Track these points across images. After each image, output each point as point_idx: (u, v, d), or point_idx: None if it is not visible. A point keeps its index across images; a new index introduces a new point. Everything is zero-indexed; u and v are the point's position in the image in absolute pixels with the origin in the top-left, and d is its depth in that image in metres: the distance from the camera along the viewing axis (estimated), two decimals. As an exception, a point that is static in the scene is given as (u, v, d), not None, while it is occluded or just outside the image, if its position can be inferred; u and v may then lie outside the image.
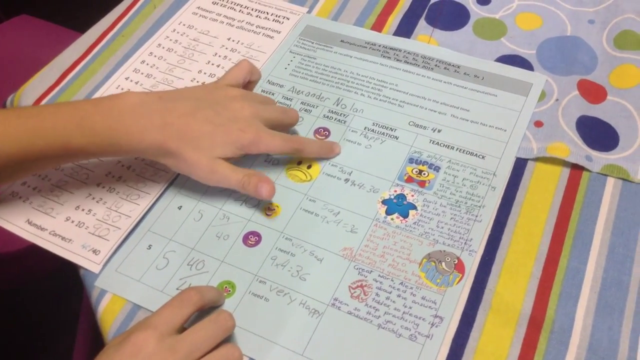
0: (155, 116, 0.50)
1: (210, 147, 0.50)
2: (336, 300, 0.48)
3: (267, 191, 0.51)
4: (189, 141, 0.50)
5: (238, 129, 0.51)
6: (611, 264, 0.49)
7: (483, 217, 0.52)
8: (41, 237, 0.53)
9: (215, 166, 0.51)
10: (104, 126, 0.49)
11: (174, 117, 0.50)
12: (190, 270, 0.51)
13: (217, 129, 0.51)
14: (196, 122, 0.51)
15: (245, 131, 0.51)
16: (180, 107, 0.51)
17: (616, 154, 0.55)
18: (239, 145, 0.51)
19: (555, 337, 0.45)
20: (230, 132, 0.51)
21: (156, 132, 0.49)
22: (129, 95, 0.50)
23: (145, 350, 0.40)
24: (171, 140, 0.50)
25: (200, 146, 0.50)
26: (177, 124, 0.50)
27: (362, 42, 0.66)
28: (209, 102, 0.53)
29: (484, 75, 0.62)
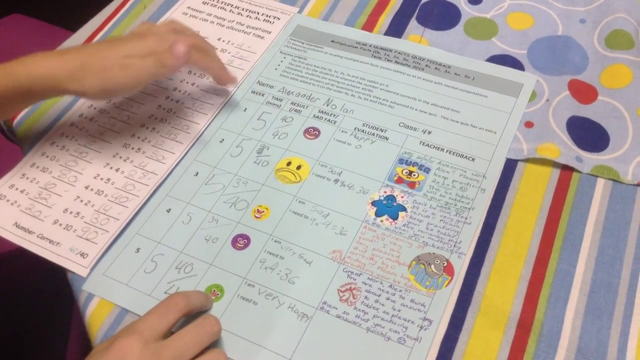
0: (56, 51, 0.52)
1: (116, 50, 0.51)
2: (325, 303, 0.48)
3: (182, 46, 0.52)
4: (90, 54, 0.51)
5: (140, 37, 0.53)
6: (601, 266, 0.49)
7: (473, 220, 0.51)
8: (29, 241, 0.53)
9: (127, 61, 0.51)
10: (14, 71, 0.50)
11: (72, 49, 0.52)
12: (179, 274, 0.50)
13: (115, 41, 0.53)
14: (94, 45, 0.54)
15: (148, 35, 0.53)
16: (80, 45, 0.55)
17: (606, 154, 0.55)
18: (145, 47, 0.52)
19: (544, 340, 0.45)
20: (131, 39, 0.53)
21: (55, 58, 0.50)
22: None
23: (130, 356, 0.40)
24: (71, 59, 0.50)
25: (105, 54, 0.51)
26: (76, 50, 0.52)
27: (353, 42, 0.66)
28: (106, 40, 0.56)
29: (474, 76, 0.62)
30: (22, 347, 0.93)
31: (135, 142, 0.59)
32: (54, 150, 0.59)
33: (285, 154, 0.57)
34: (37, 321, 0.94)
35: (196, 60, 0.55)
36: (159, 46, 0.52)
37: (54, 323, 0.85)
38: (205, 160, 0.57)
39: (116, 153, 0.58)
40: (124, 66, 0.51)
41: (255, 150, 0.58)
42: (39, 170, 0.57)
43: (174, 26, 0.58)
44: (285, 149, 0.58)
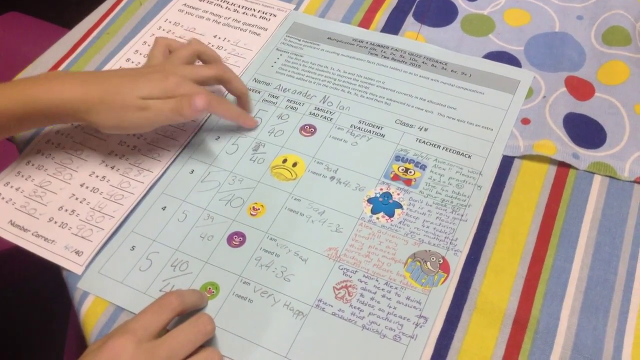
0: (76, 77, 0.52)
1: (133, 89, 0.51)
2: (320, 301, 0.48)
3: (202, 100, 0.51)
4: (111, 89, 0.51)
5: (161, 76, 0.52)
6: (597, 262, 0.49)
7: (469, 217, 0.51)
8: (24, 239, 0.52)
9: (145, 104, 0.51)
10: (34, 93, 0.51)
11: (94, 77, 0.52)
12: (174, 272, 0.50)
13: (138, 78, 0.52)
14: (115, 77, 0.52)
15: (167, 77, 0.52)
16: (101, 72, 0.54)
17: (603, 151, 0.55)
18: (162, 88, 0.52)
19: (540, 337, 0.45)
20: (153, 79, 0.52)
21: (77, 87, 0.51)
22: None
23: (123, 355, 0.40)
24: (92, 92, 0.51)
25: (124, 92, 0.51)
26: (98, 80, 0.52)
27: (350, 39, 0.66)
28: (128, 69, 0.55)
29: (471, 73, 0.61)
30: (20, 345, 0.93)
31: (130, 139, 0.59)
32: (50, 148, 0.59)
33: (281, 151, 0.57)
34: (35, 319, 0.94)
35: (215, 110, 0.55)
36: (179, 90, 0.52)
37: (52, 321, 0.85)
38: (200, 158, 0.57)
39: (111, 151, 0.58)
40: (142, 108, 0.51)
41: (251, 148, 0.58)
42: (34, 168, 0.57)
43: (197, 50, 0.58)
44: (281, 147, 0.57)
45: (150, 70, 0.54)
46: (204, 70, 0.56)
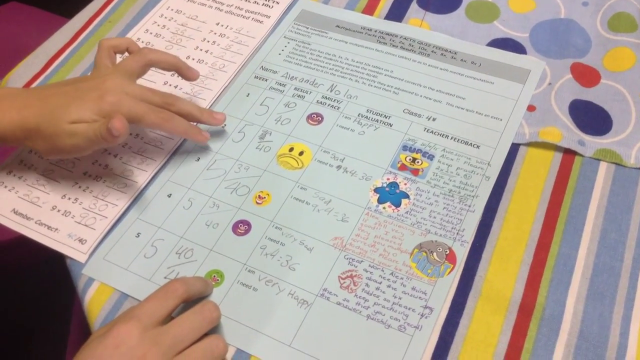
0: (17, 101, 0.50)
1: (66, 114, 0.48)
2: (325, 290, 0.47)
3: (118, 122, 0.46)
4: (45, 116, 0.49)
5: (96, 96, 0.49)
6: (603, 249, 0.48)
7: (476, 208, 0.51)
8: (27, 227, 0.52)
9: (73, 129, 0.48)
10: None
11: (34, 100, 0.50)
12: (179, 259, 0.50)
13: (74, 100, 0.49)
14: (54, 98, 0.50)
15: (104, 96, 0.49)
16: (43, 91, 0.51)
17: (609, 138, 0.54)
18: (96, 109, 0.49)
19: (545, 324, 0.45)
20: (87, 100, 0.49)
21: (15, 113, 0.49)
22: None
23: (129, 342, 0.40)
24: (29, 119, 0.49)
25: (56, 116, 0.49)
26: (36, 104, 0.50)
27: (358, 28, 0.65)
28: (74, 82, 0.52)
29: (481, 62, 0.61)
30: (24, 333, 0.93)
31: (133, 129, 0.58)
32: (52, 137, 0.58)
33: (288, 140, 0.57)
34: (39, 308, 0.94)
35: (159, 127, 0.52)
36: (118, 110, 0.49)
37: (55, 309, 0.86)
38: (206, 146, 0.57)
39: (115, 139, 0.58)
40: (70, 134, 0.48)
41: (257, 136, 0.57)
42: (37, 157, 0.57)
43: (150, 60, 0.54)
44: (287, 135, 0.57)
45: (88, 87, 0.50)
46: (133, 62, 0.53)
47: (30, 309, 0.93)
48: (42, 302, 0.92)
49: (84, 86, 0.51)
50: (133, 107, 0.50)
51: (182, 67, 0.56)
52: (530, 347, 0.44)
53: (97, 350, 0.40)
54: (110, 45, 0.55)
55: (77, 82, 0.52)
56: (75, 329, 0.77)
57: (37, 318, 0.94)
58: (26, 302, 0.92)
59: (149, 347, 0.40)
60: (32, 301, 0.92)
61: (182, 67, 0.56)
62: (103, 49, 0.55)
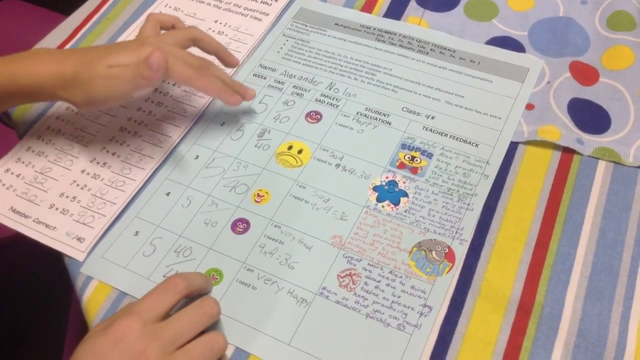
0: (54, 53, 0.51)
1: (103, 59, 0.49)
2: (324, 289, 0.47)
3: (156, 56, 0.47)
4: (84, 62, 0.49)
5: (137, 44, 0.51)
6: (602, 248, 0.49)
7: (475, 206, 0.51)
8: (25, 225, 0.52)
9: (110, 71, 0.49)
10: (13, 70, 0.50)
11: (74, 53, 0.51)
12: (178, 257, 0.50)
13: (113, 48, 0.51)
14: (94, 49, 0.51)
15: (144, 45, 0.50)
16: (85, 48, 0.53)
17: (608, 136, 0.54)
18: (134, 55, 0.49)
19: (544, 323, 0.45)
20: (127, 48, 0.50)
21: (54, 63, 0.50)
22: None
23: (129, 337, 0.40)
24: (68, 66, 0.49)
25: (94, 62, 0.49)
26: (75, 55, 0.50)
27: (357, 26, 0.65)
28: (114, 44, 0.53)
29: (479, 60, 0.61)
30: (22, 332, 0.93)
31: (131, 125, 0.58)
32: (50, 134, 0.58)
33: (287, 138, 0.57)
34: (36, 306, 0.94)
35: (192, 82, 0.51)
36: (141, 49, 0.50)
37: (53, 308, 0.85)
38: (205, 144, 0.57)
39: (112, 137, 0.58)
40: (107, 77, 0.49)
41: (256, 134, 0.57)
42: (35, 154, 0.57)
43: (193, 36, 0.55)
44: (286, 133, 0.57)
45: (129, 42, 0.52)
46: (177, 34, 0.54)
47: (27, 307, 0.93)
48: (40, 300, 0.91)
49: (125, 43, 0.52)
50: (171, 55, 0.50)
51: (222, 52, 0.57)
52: (529, 345, 0.44)
53: (97, 345, 0.40)
54: (157, 19, 0.56)
55: (120, 42, 0.53)
56: (73, 327, 0.77)
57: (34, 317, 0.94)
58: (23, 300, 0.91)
59: (148, 342, 0.40)
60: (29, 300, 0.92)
61: (223, 51, 0.57)
62: (149, 21, 0.55)
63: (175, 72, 0.50)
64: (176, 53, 0.51)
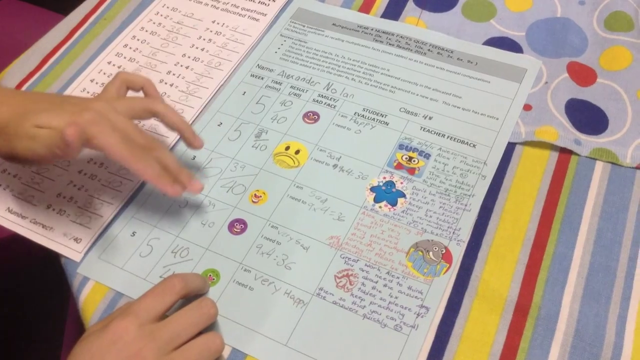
0: (2, 96, 0.47)
1: (36, 117, 0.45)
2: (321, 289, 0.47)
3: (71, 130, 0.42)
4: (17, 115, 0.45)
5: (76, 109, 0.46)
6: (599, 249, 0.49)
7: (472, 207, 0.51)
8: (22, 226, 0.52)
9: (36, 132, 0.45)
10: None
11: (18, 99, 0.47)
12: (174, 258, 0.50)
13: (52, 107, 0.46)
14: (36, 101, 0.47)
15: (83, 112, 0.45)
16: (33, 95, 0.49)
17: (605, 137, 0.54)
18: (68, 121, 0.44)
19: (541, 324, 0.45)
20: (65, 109, 0.46)
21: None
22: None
23: (126, 337, 0.40)
24: (3, 114, 0.46)
25: (25, 118, 0.45)
26: (15, 104, 0.47)
27: (354, 26, 0.65)
28: (66, 97, 0.49)
29: (477, 61, 0.61)
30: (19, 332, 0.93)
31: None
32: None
33: (284, 139, 0.57)
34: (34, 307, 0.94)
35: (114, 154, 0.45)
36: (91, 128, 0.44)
37: (51, 309, 0.85)
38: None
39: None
40: (30, 137, 0.44)
41: (253, 134, 0.57)
42: (32, 155, 0.57)
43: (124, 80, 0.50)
44: (284, 134, 0.57)
45: (75, 102, 0.47)
46: (135, 103, 0.49)
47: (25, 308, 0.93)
48: (38, 301, 0.91)
49: (73, 100, 0.48)
50: (106, 132, 0.45)
51: (185, 130, 0.50)
52: (526, 346, 0.44)
53: (94, 345, 0.40)
54: (125, 80, 0.51)
55: (71, 97, 0.49)
56: (71, 328, 0.77)
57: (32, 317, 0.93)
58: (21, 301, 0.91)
59: (145, 342, 0.40)
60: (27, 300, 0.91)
61: (187, 130, 0.50)
62: (116, 80, 0.50)
63: (106, 149, 0.44)
64: (119, 126, 0.46)
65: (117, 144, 0.45)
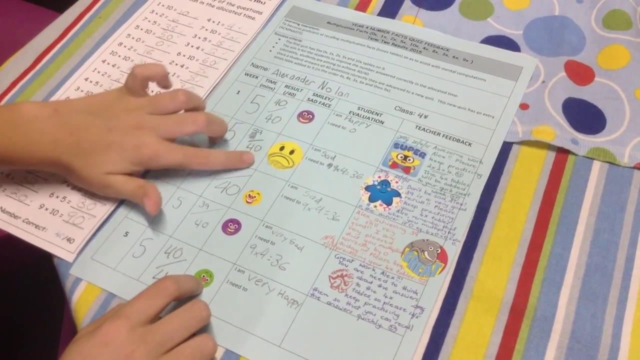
0: (47, 131, 0.49)
1: (103, 163, 0.49)
2: (316, 290, 0.47)
3: (149, 207, 0.49)
4: (80, 158, 0.49)
5: (134, 145, 0.50)
6: (596, 249, 0.48)
7: (468, 206, 0.51)
8: (14, 225, 0.52)
9: (107, 181, 0.50)
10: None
11: (66, 133, 0.49)
12: (168, 259, 0.50)
13: (110, 146, 0.49)
14: (88, 138, 0.49)
15: (141, 147, 0.50)
16: (74, 122, 0.50)
17: (603, 137, 0.54)
18: (134, 161, 0.50)
19: (537, 325, 0.45)
20: (125, 148, 0.50)
21: (47, 148, 0.49)
22: (24, 107, 0.49)
23: (117, 340, 0.39)
24: (63, 157, 0.49)
25: (91, 163, 0.49)
26: (68, 141, 0.49)
27: (349, 24, 0.65)
28: (104, 116, 0.51)
29: (473, 59, 0.60)
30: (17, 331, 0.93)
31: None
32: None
33: (279, 138, 0.56)
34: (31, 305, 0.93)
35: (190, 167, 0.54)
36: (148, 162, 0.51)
37: (48, 307, 0.85)
38: (196, 145, 0.56)
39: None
40: (105, 186, 0.51)
41: (248, 134, 0.57)
42: (26, 155, 0.56)
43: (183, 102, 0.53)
44: (278, 133, 0.56)
45: (123, 129, 0.50)
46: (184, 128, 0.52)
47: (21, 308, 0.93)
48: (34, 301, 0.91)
49: (118, 126, 0.50)
50: (170, 157, 0.51)
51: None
52: (522, 348, 0.44)
53: (85, 348, 0.40)
54: (144, 76, 0.53)
55: (108, 116, 0.51)
56: (67, 327, 0.77)
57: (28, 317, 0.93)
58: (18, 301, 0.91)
59: (137, 345, 0.40)
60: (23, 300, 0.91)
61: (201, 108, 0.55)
62: (137, 79, 0.52)
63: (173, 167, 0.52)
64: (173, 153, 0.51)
65: (184, 161, 0.52)
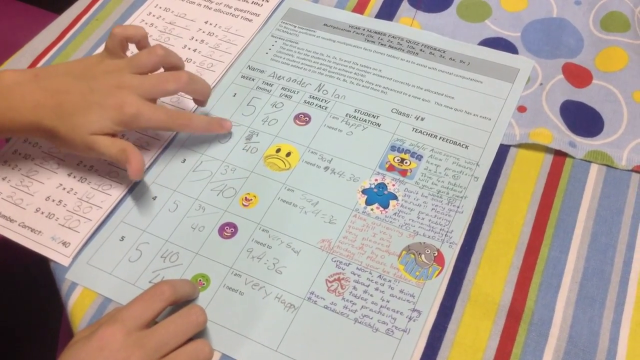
0: (27, 96, 0.49)
1: (86, 124, 0.49)
2: (312, 294, 0.47)
3: (131, 173, 0.49)
4: (63, 120, 0.49)
5: (116, 104, 0.49)
6: (593, 253, 0.48)
7: (465, 209, 0.50)
8: (10, 229, 0.51)
9: (91, 142, 0.49)
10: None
11: (47, 97, 0.49)
12: (164, 263, 0.49)
13: (92, 106, 0.49)
14: (70, 100, 0.49)
15: (123, 106, 0.49)
16: (54, 85, 0.50)
17: (600, 139, 0.54)
18: (116, 120, 0.49)
19: (534, 329, 0.45)
20: (107, 108, 0.49)
21: (29, 112, 0.49)
22: (4, 74, 0.50)
23: (113, 345, 0.39)
24: (45, 121, 0.49)
25: (74, 125, 0.49)
26: (49, 104, 0.49)
27: (346, 26, 0.64)
28: (85, 78, 0.51)
29: (470, 61, 0.60)
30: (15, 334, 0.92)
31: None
32: (37, 137, 0.57)
33: (275, 141, 0.56)
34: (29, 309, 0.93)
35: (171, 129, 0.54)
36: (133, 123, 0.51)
37: (46, 311, 0.85)
38: (192, 147, 0.56)
39: (100, 140, 0.57)
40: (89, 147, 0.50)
41: (244, 137, 0.57)
42: (21, 157, 0.56)
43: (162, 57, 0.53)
44: (275, 136, 0.56)
45: (105, 90, 0.50)
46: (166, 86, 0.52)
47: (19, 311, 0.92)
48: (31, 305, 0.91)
49: (100, 87, 0.50)
50: (152, 116, 0.50)
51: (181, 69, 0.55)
52: (519, 352, 0.44)
53: (81, 353, 0.39)
54: (124, 36, 0.53)
55: (89, 78, 0.51)
56: (65, 331, 0.76)
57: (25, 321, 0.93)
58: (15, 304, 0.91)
59: (132, 350, 0.39)
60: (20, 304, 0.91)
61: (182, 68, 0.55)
62: (116, 39, 0.52)
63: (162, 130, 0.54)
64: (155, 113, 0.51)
65: (166, 121, 0.51)
